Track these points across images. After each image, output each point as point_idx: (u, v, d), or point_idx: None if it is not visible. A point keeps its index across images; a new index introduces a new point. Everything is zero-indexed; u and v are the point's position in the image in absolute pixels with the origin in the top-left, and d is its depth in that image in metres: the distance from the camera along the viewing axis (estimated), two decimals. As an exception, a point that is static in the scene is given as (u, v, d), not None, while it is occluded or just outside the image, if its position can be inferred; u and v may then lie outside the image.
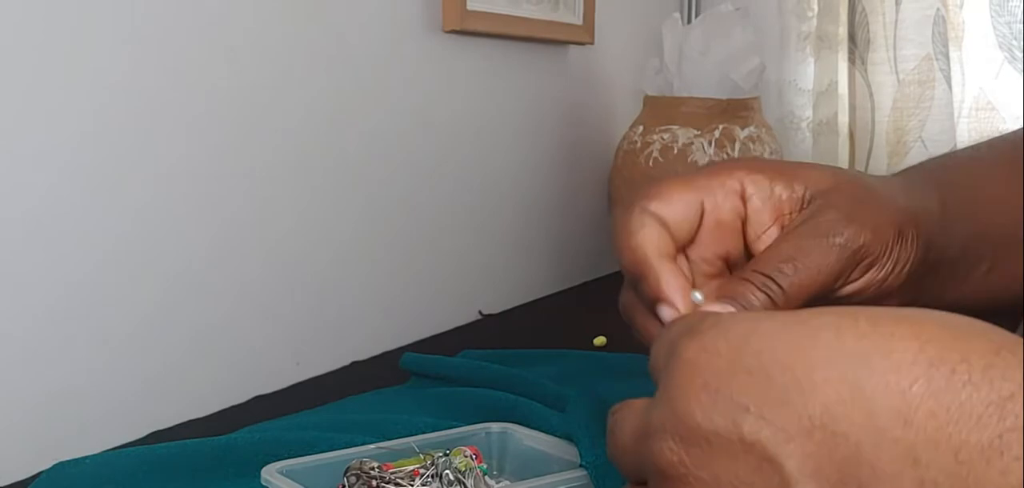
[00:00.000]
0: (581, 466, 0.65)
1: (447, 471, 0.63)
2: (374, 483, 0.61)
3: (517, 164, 1.33)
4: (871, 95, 1.62)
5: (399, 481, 0.62)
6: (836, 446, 0.32)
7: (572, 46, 1.42)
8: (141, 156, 0.84)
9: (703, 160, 1.35)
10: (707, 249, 0.49)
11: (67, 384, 0.79)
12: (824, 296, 0.46)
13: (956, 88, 1.56)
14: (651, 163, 1.38)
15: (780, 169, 0.49)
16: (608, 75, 1.55)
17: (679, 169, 1.36)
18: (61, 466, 0.68)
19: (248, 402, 0.91)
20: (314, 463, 0.64)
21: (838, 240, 0.46)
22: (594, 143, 1.51)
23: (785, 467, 0.33)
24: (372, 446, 0.66)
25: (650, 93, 1.44)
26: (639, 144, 1.40)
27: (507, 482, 0.69)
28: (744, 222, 0.49)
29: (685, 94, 1.40)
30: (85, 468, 0.68)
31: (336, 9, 1.01)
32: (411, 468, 0.63)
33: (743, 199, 0.49)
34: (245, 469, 0.68)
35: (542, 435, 0.71)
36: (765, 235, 0.49)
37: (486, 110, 1.26)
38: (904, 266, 0.49)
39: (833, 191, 0.48)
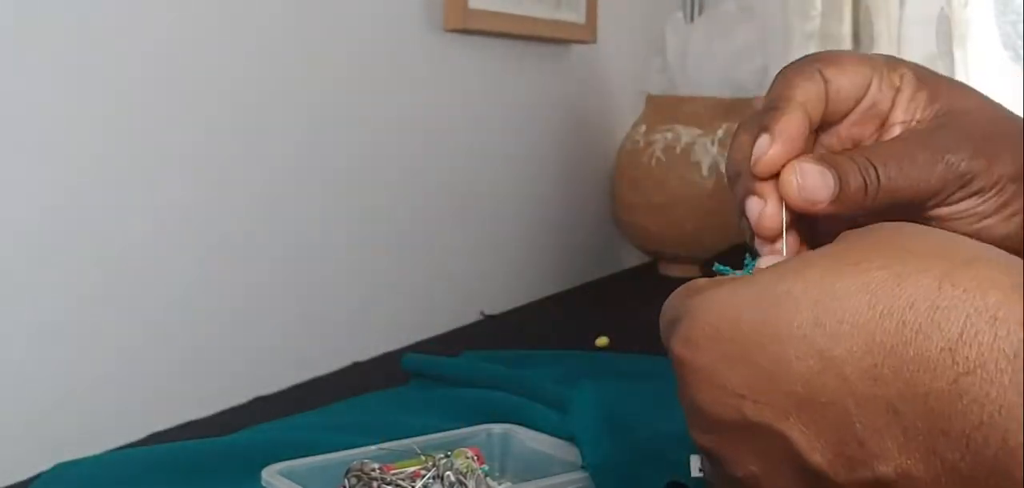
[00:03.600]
0: (582, 467, 0.65)
1: (449, 472, 0.63)
2: (375, 484, 0.61)
3: (519, 164, 1.33)
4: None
5: (400, 482, 0.62)
6: (825, 413, 0.34)
7: (574, 45, 1.42)
8: (140, 161, 0.84)
9: (706, 161, 1.35)
10: (848, 127, 0.48)
11: (68, 385, 0.79)
12: (919, 205, 0.46)
13: (960, 87, 1.55)
14: (654, 162, 1.37)
15: (933, 81, 0.48)
16: (610, 74, 1.54)
17: (681, 170, 1.36)
18: (62, 467, 0.68)
19: (249, 403, 0.91)
20: (315, 464, 0.64)
21: (950, 158, 0.45)
22: (596, 142, 1.51)
23: (791, 437, 0.35)
24: (373, 447, 0.66)
25: (653, 92, 1.44)
26: (642, 144, 1.40)
27: (509, 483, 0.68)
28: (888, 114, 0.48)
29: (688, 93, 1.40)
30: (85, 469, 0.68)
31: (337, 9, 1.01)
32: (412, 469, 0.63)
33: (896, 92, 0.48)
34: (246, 470, 0.67)
35: (544, 436, 0.71)
36: (893, 130, 0.48)
37: (488, 109, 1.26)
38: (1009, 208, 0.48)
39: (966, 113, 0.47)
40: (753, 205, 0.45)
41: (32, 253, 0.76)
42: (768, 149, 0.44)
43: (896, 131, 0.48)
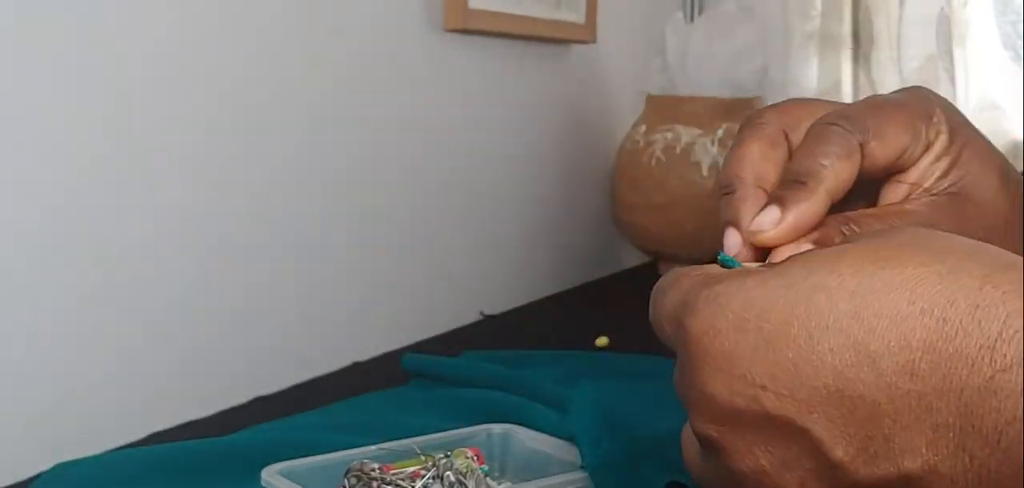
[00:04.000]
0: (582, 467, 0.65)
1: (448, 472, 0.63)
2: (375, 484, 0.61)
3: (518, 164, 1.33)
4: (875, 95, 1.61)
5: (400, 482, 0.62)
6: (855, 407, 0.34)
7: (574, 45, 1.42)
8: (140, 161, 0.84)
9: (706, 161, 1.35)
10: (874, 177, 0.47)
11: (69, 385, 0.79)
12: None
13: (960, 87, 1.55)
14: (654, 162, 1.37)
15: (960, 143, 0.47)
16: (610, 74, 1.54)
17: (681, 170, 1.36)
18: (62, 467, 0.68)
19: (249, 403, 0.91)
20: (315, 464, 0.64)
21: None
22: (596, 142, 1.51)
23: (813, 431, 0.35)
24: (373, 447, 0.66)
25: (652, 92, 1.44)
26: (641, 144, 1.39)
27: (508, 483, 0.68)
28: (906, 169, 0.47)
29: (688, 93, 1.40)
30: (85, 469, 0.68)
31: (337, 9, 1.01)
32: (412, 469, 0.63)
33: (925, 151, 0.47)
34: (246, 470, 0.67)
35: (544, 436, 0.71)
36: (900, 188, 0.47)
37: (488, 109, 1.26)
38: None
39: (967, 207, 0.46)
40: (730, 242, 0.45)
41: (32, 253, 0.76)
42: (772, 229, 0.44)
43: (902, 191, 0.47)
